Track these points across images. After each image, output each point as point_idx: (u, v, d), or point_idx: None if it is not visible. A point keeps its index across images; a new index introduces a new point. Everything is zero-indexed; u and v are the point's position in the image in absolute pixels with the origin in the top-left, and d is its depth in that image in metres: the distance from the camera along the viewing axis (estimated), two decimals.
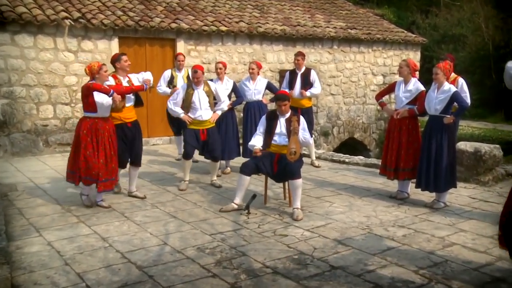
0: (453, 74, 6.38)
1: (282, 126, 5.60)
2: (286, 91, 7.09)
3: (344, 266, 4.00)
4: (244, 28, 11.42)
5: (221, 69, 7.24)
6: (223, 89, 6.82)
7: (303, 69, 7.74)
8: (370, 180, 7.13)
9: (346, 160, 8.46)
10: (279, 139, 5.60)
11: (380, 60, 14.24)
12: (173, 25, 10.34)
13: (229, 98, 7.05)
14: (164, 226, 5.03)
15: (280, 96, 5.68)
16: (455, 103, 5.50)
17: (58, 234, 4.75)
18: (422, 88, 5.85)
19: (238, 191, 5.58)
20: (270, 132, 5.64)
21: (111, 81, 5.65)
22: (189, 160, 6.57)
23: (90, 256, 4.22)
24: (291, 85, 7.72)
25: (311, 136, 6.75)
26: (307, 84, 7.67)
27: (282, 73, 11.56)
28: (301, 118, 5.66)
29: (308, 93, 7.64)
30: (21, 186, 6.66)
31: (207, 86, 6.44)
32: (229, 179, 7.11)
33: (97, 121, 5.39)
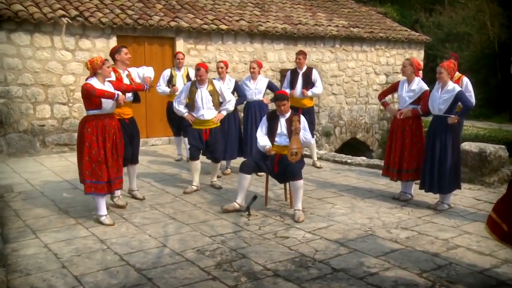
0: (457, 73, 6.37)
1: (282, 127, 5.60)
2: (286, 91, 7.10)
3: (346, 269, 4.00)
4: (244, 26, 11.43)
5: (222, 68, 7.24)
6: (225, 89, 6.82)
7: (304, 69, 7.75)
8: (372, 181, 7.13)
9: (348, 161, 8.46)
10: (280, 139, 5.60)
11: (383, 59, 14.24)
12: (172, 23, 10.35)
13: None
14: (163, 228, 5.03)
15: (279, 96, 5.68)
16: (459, 103, 5.50)
17: (55, 236, 4.75)
18: (425, 87, 5.85)
19: (239, 191, 5.58)
20: (271, 133, 5.64)
21: (112, 75, 5.41)
22: (195, 162, 6.48)
23: (87, 258, 4.22)
24: (293, 85, 7.73)
25: (313, 137, 6.76)
26: (308, 83, 7.68)
27: (283, 73, 11.57)
28: (302, 118, 5.66)
29: (309, 93, 7.65)
30: (18, 187, 6.66)
31: (212, 85, 6.42)
32: (229, 180, 7.11)
33: (102, 117, 5.12)
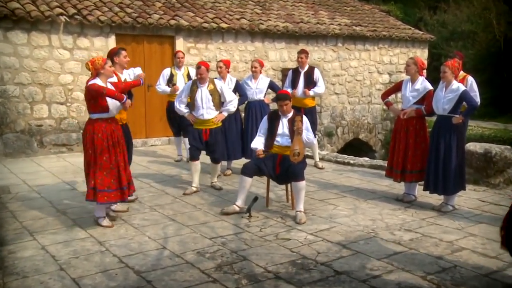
0: (462, 73, 6.37)
1: (284, 127, 5.60)
2: (288, 90, 7.10)
3: (349, 271, 4.01)
4: (245, 25, 11.43)
5: (221, 67, 7.24)
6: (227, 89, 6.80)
7: (306, 68, 7.76)
8: (375, 182, 7.13)
9: (351, 162, 8.46)
10: (282, 140, 5.60)
11: (386, 58, 14.24)
12: (172, 22, 10.35)
13: None
14: (163, 230, 5.04)
15: (281, 95, 5.68)
16: (464, 103, 5.50)
17: (52, 238, 4.76)
18: (429, 87, 5.85)
19: (239, 193, 5.58)
20: (272, 133, 5.64)
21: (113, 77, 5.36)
22: (195, 162, 6.48)
23: (86, 260, 4.22)
24: (294, 84, 7.74)
25: (315, 137, 6.74)
26: (310, 83, 7.68)
27: (284, 72, 11.57)
28: (304, 118, 5.65)
29: (311, 92, 7.66)
30: (15, 188, 6.67)
31: (213, 84, 6.41)
32: (230, 181, 7.11)
33: (110, 121, 5.02)
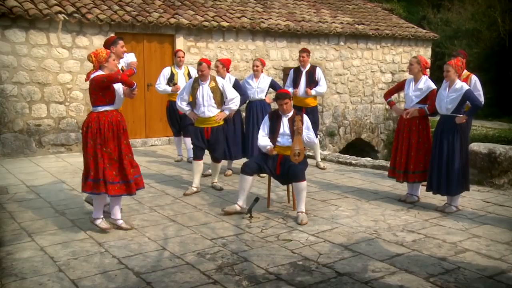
0: (465, 72, 6.37)
1: (285, 126, 5.60)
2: (289, 90, 7.09)
3: (351, 273, 4.00)
4: (246, 23, 11.43)
5: (217, 67, 7.22)
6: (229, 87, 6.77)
7: (308, 67, 7.75)
8: (378, 182, 7.13)
9: (353, 162, 8.46)
10: (282, 139, 5.60)
11: (388, 57, 14.24)
12: (172, 20, 10.36)
13: None
14: (163, 230, 5.04)
15: (281, 94, 5.67)
16: (467, 102, 5.50)
17: (51, 239, 4.76)
18: (433, 86, 5.85)
19: (240, 193, 5.58)
20: (273, 133, 5.64)
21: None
22: (198, 162, 6.48)
23: (85, 261, 4.22)
24: (296, 83, 7.73)
25: (316, 137, 6.75)
26: (312, 82, 7.68)
27: (286, 71, 11.58)
28: (306, 118, 5.65)
29: (313, 92, 7.65)
30: (13, 188, 6.67)
31: (214, 82, 6.41)
32: (230, 182, 7.11)
33: (115, 113, 4.89)
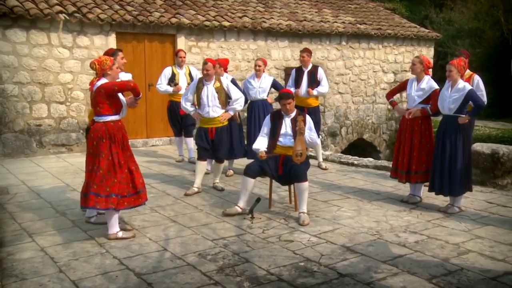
0: (468, 71, 6.36)
1: (287, 127, 5.61)
2: (290, 89, 7.10)
3: (353, 274, 4.01)
4: (248, 23, 11.44)
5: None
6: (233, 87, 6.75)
7: (310, 67, 7.76)
8: (380, 183, 7.12)
9: (355, 162, 8.46)
10: (284, 140, 5.60)
11: (391, 56, 14.23)
12: (173, 20, 10.37)
13: None
14: (164, 231, 5.05)
15: (283, 94, 5.68)
16: (470, 102, 5.50)
17: (52, 240, 4.77)
18: (435, 86, 5.85)
19: (241, 194, 5.58)
20: (275, 133, 5.65)
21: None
22: (202, 162, 6.50)
23: (85, 262, 4.23)
24: (297, 83, 7.74)
25: (318, 137, 6.77)
26: (314, 82, 7.69)
27: (287, 71, 11.58)
28: (308, 118, 5.66)
29: (315, 92, 7.66)
30: (13, 189, 6.69)
31: (219, 82, 6.44)
32: (232, 182, 7.12)
33: (120, 124, 4.82)
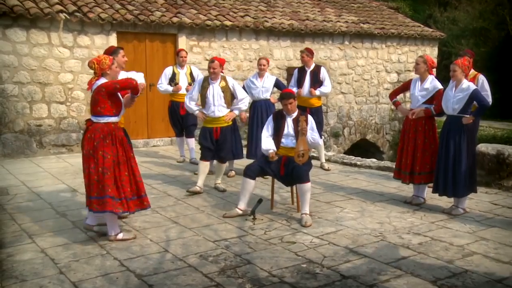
0: (472, 71, 6.36)
1: (289, 127, 5.60)
2: (293, 89, 7.10)
3: (356, 276, 4.00)
4: (249, 22, 11.44)
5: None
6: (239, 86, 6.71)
7: (312, 67, 7.75)
8: (383, 184, 7.12)
9: (358, 163, 8.45)
10: (287, 140, 5.60)
11: (394, 56, 14.22)
12: (175, 19, 10.37)
13: None
14: (165, 232, 5.05)
15: (285, 94, 5.68)
16: (474, 102, 5.49)
17: (52, 241, 4.77)
18: (439, 86, 5.84)
19: (241, 196, 5.57)
20: (277, 134, 5.64)
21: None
22: (205, 162, 6.52)
23: (86, 264, 4.24)
24: (300, 83, 7.73)
25: (321, 137, 6.77)
26: (316, 82, 7.68)
27: (289, 71, 11.58)
28: (310, 118, 5.66)
29: (317, 92, 7.65)
30: (13, 189, 6.70)
31: (225, 81, 6.44)
32: (233, 183, 7.12)
33: (118, 125, 4.76)
